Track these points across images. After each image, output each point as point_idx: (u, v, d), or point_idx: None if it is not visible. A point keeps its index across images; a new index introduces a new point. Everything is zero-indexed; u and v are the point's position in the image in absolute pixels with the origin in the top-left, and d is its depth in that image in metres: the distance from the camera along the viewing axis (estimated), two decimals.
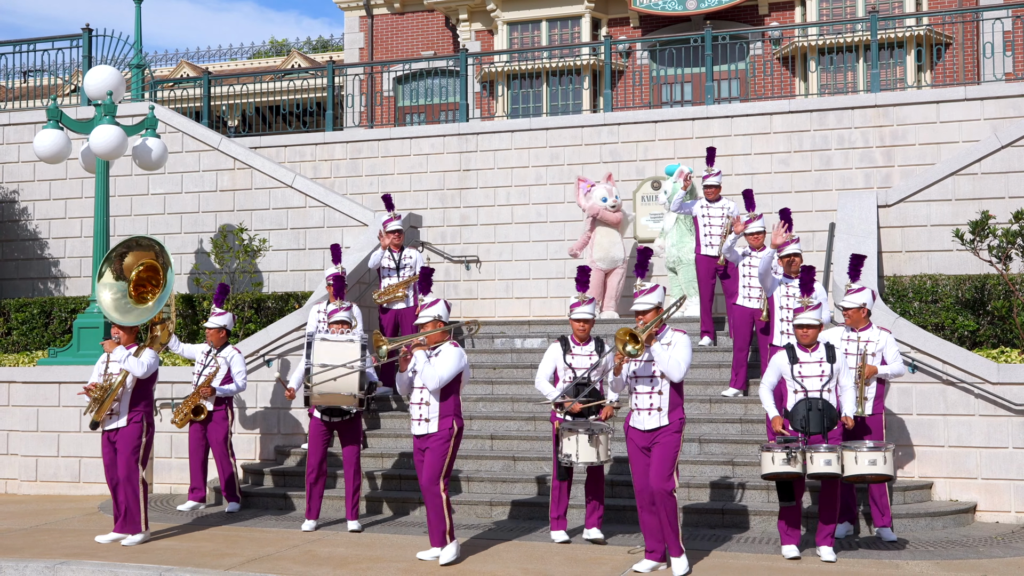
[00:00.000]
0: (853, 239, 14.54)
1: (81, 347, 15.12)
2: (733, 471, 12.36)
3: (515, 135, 19.19)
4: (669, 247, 16.61)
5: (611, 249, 16.83)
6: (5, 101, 21.32)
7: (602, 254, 16.81)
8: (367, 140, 19.91)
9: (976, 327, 14.04)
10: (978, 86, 18.01)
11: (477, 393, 14.91)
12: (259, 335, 14.67)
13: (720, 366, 14.48)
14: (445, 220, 19.24)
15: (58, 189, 19.23)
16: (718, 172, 15.08)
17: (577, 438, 10.28)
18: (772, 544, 10.64)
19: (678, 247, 16.45)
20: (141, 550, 10.68)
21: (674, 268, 16.58)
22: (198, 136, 18.74)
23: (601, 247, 16.85)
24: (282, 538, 11.27)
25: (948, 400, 12.26)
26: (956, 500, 12.16)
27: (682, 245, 16.39)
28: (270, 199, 18.30)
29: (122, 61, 19.76)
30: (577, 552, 10.43)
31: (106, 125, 14.87)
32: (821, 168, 17.66)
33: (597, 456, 10.32)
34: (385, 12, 29.65)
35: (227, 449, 13.11)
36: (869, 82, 18.50)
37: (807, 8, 25.29)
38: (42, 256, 19.25)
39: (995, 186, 15.89)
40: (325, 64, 23.55)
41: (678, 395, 9.61)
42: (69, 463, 14.84)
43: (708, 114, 18.31)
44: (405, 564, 9.94)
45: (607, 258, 16.80)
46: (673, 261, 16.51)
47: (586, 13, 26.69)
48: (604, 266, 16.81)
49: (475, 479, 12.78)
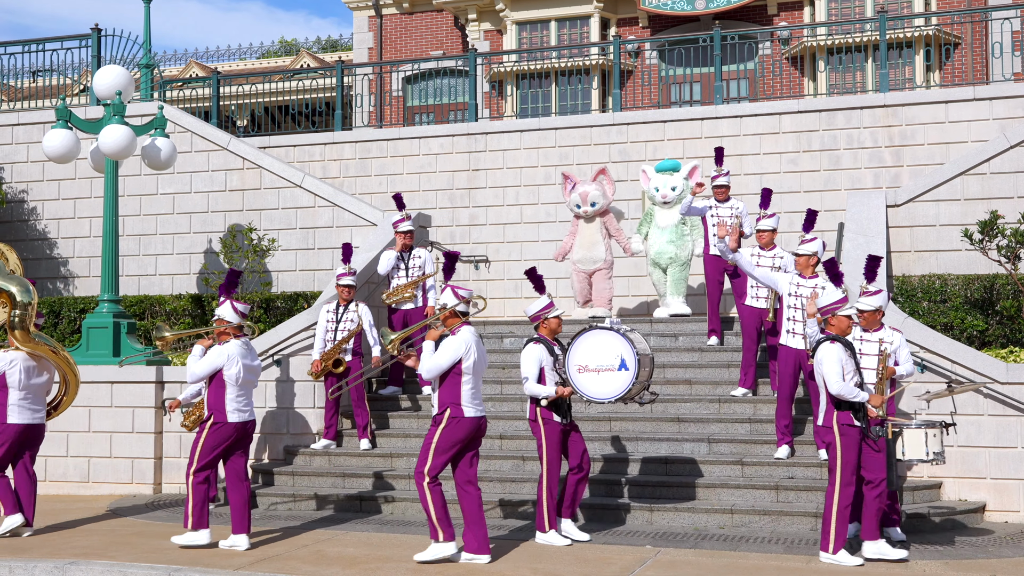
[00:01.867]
0: (862, 239, 14.52)
1: (90, 347, 15.13)
2: (742, 471, 12.35)
3: (524, 135, 19.19)
4: (664, 243, 16.20)
5: (591, 249, 16.62)
6: (14, 101, 21.38)
7: (581, 255, 16.65)
8: (376, 140, 19.92)
9: (985, 327, 14.02)
10: (987, 86, 17.99)
11: (486, 393, 14.86)
12: (268, 335, 14.69)
13: (729, 366, 14.47)
14: (454, 220, 19.25)
15: (67, 189, 19.26)
16: (727, 172, 15.08)
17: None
18: (781, 544, 10.63)
19: (677, 245, 16.15)
20: (150, 549, 10.69)
21: (662, 264, 16.25)
22: (207, 136, 18.76)
23: (581, 248, 16.68)
24: (291, 538, 11.28)
25: (957, 400, 12.22)
26: (965, 500, 12.15)
27: (682, 244, 16.16)
28: (279, 199, 18.32)
29: (131, 61, 19.80)
30: (586, 552, 10.43)
31: (115, 125, 14.88)
32: (830, 168, 17.64)
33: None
34: (394, 12, 29.67)
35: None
36: (878, 82, 18.46)
37: (816, 8, 25.27)
38: (51, 256, 19.29)
39: (1004, 186, 15.86)
40: (334, 64, 23.55)
41: (446, 393, 10.06)
42: (78, 463, 14.86)
43: (717, 114, 18.30)
44: (414, 564, 9.93)
45: (587, 258, 16.62)
46: (668, 259, 16.14)
47: (595, 13, 26.69)
48: (584, 267, 16.64)
49: (484, 479, 12.77)
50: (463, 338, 10.09)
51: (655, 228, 16.44)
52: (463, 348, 10.02)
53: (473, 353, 10.07)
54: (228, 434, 10.79)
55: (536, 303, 10.86)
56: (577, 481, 11.01)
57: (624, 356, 10.68)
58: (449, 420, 9.98)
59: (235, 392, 10.82)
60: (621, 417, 13.70)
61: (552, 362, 10.71)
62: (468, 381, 10.05)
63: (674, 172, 16.43)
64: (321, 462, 13.84)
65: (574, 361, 10.78)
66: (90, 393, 14.68)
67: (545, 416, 10.67)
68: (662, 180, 16.37)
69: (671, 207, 16.27)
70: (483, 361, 10.27)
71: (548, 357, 10.68)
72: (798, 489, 11.83)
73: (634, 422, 13.62)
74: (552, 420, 10.64)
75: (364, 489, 13.11)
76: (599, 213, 16.64)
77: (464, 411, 9.99)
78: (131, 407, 14.62)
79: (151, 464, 14.60)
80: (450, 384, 10.04)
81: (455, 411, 9.98)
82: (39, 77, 21.09)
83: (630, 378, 10.63)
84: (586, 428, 13.67)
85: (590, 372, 10.72)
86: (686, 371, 14.66)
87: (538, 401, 10.66)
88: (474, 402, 10.07)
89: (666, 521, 11.75)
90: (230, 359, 10.81)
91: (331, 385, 13.93)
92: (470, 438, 10.10)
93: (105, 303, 15.29)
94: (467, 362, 10.03)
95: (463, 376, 10.03)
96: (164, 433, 14.72)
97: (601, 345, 10.74)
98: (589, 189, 16.57)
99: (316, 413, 14.41)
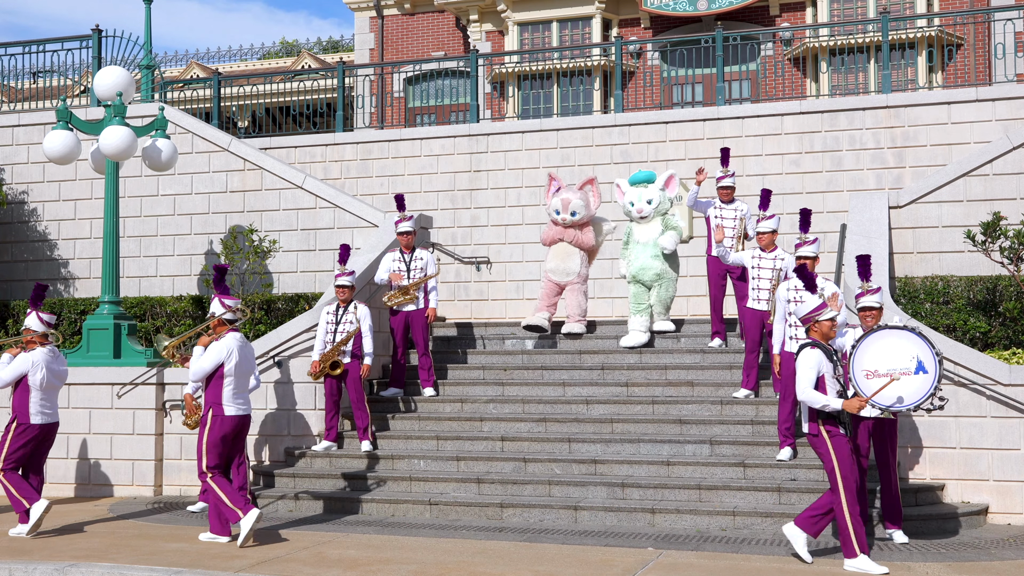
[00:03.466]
0: (864, 240, 14.49)
1: (91, 348, 15.11)
2: (744, 473, 12.32)
3: (526, 136, 19.18)
4: (648, 258, 15.10)
5: (566, 261, 15.63)
6: (15, 102, 21.36)
7: (554, 265, 15.69)
8: (377, 141, 19.91)
9: (988, 328, 13.99)
10: (989, 87, 17.96)
11: (488, 395, 14.88)
12: (269, 336, 14.66)
13: (731, 367, 14.44)
14: (456, 221, 19.23)
15: (68, 190, 19.24)
16: (732, 173, 15.03)
17: None
18: (784, 546, 10.60)
19: (662, 259, 15.13)
20: (151, 551, 10.68)
21: (646, 281, 15.18)
22: (208, 137, 18.74)
23: (555, 257, 15.72)
24: (292, 540, 11.26)
25: (960, 402, 12.20)
26: (968, 502, 12.11)
27: (669, 259, 15.22)
28: (280, 200, 18.29)
29: (132, 62, 19.78)
30: (588, 554, 10.40)
31: (116, 126, 14.86)
32: (832, 169, 17.62)
33: None
34: (395, 13, 29.64)
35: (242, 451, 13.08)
36: (880, 83, 18.45)
37: (818, 9, 25.23)
38: (51, 257, 19.27)
39: (1007, 187, 15.84)
40: (335, 65, 23.55)
41: (210, 394, 11.24)
42: (79, 465, 14.83)
43: (719, 115, 18.28)
44: (415, 566, 9.92)
45: (560, 270, 15.64)
46: (654, 275, 15.10)
47: (597, 14, 26.65)
48: (556, 278, 15.65)
49: (486, 481, 12.76)
50: (226, 343, 11.22)
51: (635, 244, 15.36)
52: (225, 352, 11.17)
53: (235, 357, 11.21)
54: None
55: (806, 304, 10.13)
56: None
57: (921, 358, 9.98)
58: (212, 419, 11.16)
59: (39, 396, 12.04)
60: (623, 419, 13.67)
61: (832, 368, 9.90)
62: (230, 383, 11.19)
63: (648, 184, 15.41)
64: (322, 464, 13.81)
65: (861, 366, 10.05)
66: (91, 395, 14.67)
67: (830, 429, 9.83)
68: (636, 193, 15.38)
69: (649, 221, 15.33)
70: (245, 364, 11.38)
71: (827, 363, 9.86)
72: (800, 491, 11.80)
73: (636, 424, 13.60)
74: (839, 433, 9.82)
75: (365, 491, 13.08)
76: (577, 224, 15.70)
77: (225, 409, 11.16)
78: (132, 409, 14.59)
79: (152, 466, 14.57)
80: (214, 385, 11.20)
81: (216, 410, 11.15)
82: (40, 78, 21.07)
83: (931, 381, 9.91)
84: (587, 430, 13.67)
85: (880, 377, 9.99)
86: (688, 373, 14.63)
87: (819, 413, 9.85)
88: (236, 401, 11.23)
89: (668, 523, 11.71)
90: (35, 365, 12.03)
91: (330, 387, 13.90)
92: (234, 434, 11.30)
93: (106, 304, 15.27)
94: (229, 365, 11.17)
95: (225, 378, 11.16)
96: (165, 435, 14.69)
97: (892, 347, 10.04)
98: (572, 197, 15.60)
99: (317, 415, 14.38)
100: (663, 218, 15.34)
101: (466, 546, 10.82)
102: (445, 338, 16.51)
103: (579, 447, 13.30)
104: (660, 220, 15.31)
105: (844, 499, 9.77)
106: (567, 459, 13.00)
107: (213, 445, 11.12)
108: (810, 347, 9.92)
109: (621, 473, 12.72)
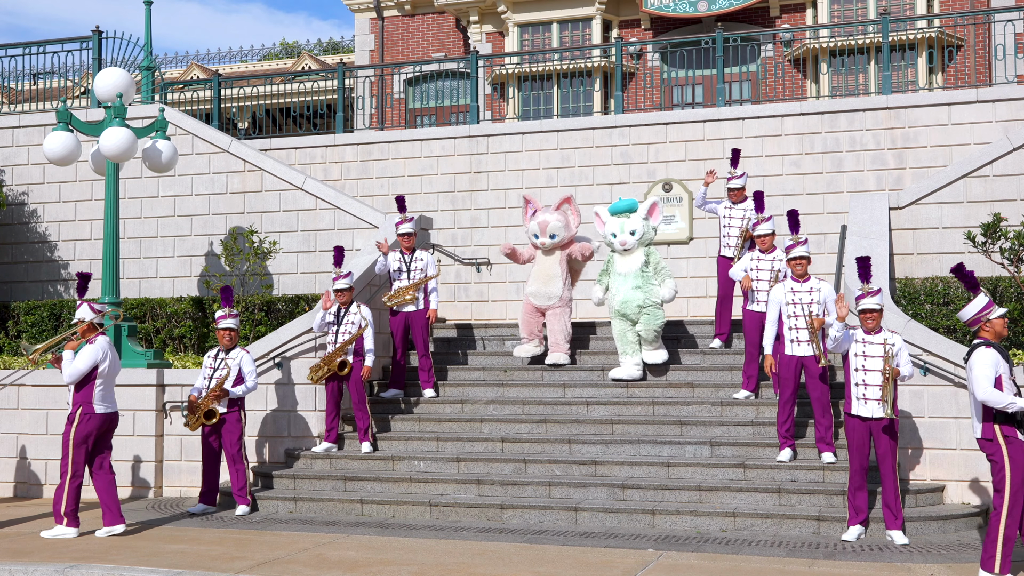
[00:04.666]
0: (865, 241, 14.50)
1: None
2: (745, 474, 12.32)
3: (526, 137, 19.17)
4: (629, 290, 14.32)
5: (547, 284, 15.00)
6: (15, 103, 21.36)
7: (535, 288, 15.06)
8: (377, 142, 19.91)
9: None
10: (990, 88, 17.95)
11: (488, 396, 14.88)
12: (269, 337, 14.66)
13: (731, 369, 14.45)
14: (456, 222, 19.23)
15: (68, 191, 19.24)
16: (742, 174, 15.02)
17: None
18: (784, 547, 10.60)
19: (645, 290, 14.32)
20: (151, 552, 10.67)
21: (630, 315, 14.37)
22: (208, 138, 18.74)
23: (537, 280, 15.11)
24: (292, 541, 11.26)
25: (960, 403, 12.19)
26: (968, 503, 12.10)
27: (649, 289, 14.35)
28: (280, 201, 18.29)
29: (132, 63, 19.78)
30: (588, 556, 10.40)
31: (116, 127, 14.86)
32: (832, 170, 17.62)
33: None
34: (396, 14, 29.64)
35: (240, 452, 13.08)
36: (880, 84, 18.44)
37: (818, 10, 25.23)
38: (52, 259, 19.27)
39: (1007, 188, 15.84)
40: (335, 66, 23.56)
41: (80, 394, 11.79)
42: None
43: (719, 116, 18.28)
44: (415, 568, 9.92)
45: (541, 293, 14.99)
46: (637, 307, 14.29)
47: (597, 15, 26.65)
48: (536, 302, 15.02)
49: (486, 482, 12.76)
50: (100, 346, 11.86)
51: (616, 276, 14.59)
52: (100, 354, 11.82)
53: (108, 359, 11.87)
54: None
55: (973, 304, 9.62)
56: None
57: None
58: (82, 416, 11.75)
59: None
60: (623, 420, 13.68)
61: (1008, 368, 9.36)
62: (101, 384, 11.84)
63: (631, 213, 14.59)
64: (322, 465, 13.81)
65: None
66: None
67: (1007, 433, 9.24)
68: (618, 224, 14.56)
69: (632, 254, 14.56)
70: (115, 367, 12.04)
71: (1004, 363, 9.34)
72: (800, 492, 11.80)
73: (636, 424, 13.60)
74: (1017, 439, 9.22)
75: (365, 492, 13.08)
76: (559, 246, 15.17)
77: (95, 408, 11.78)
78: (132, 410, 14.59)
79: (152, 467, 14.57)
80: (85, 387, 11.78)
81: (87, 408, 11.75)
82: (40, 79, 21.07)
83: None
84: (587, 431, 13.67)
85: None
86: (688, 374, 14.64)
87: (995, 415, 9.29)
88: (104, 401, 11.86)
89: (668, 524, 11.71)
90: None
91: (332, 389, 13.90)
92: (101, 432, 11.88)
93: (106, 306, 15.23)
94: (102, 366, 11.82)
95: (97, 380, 11.81)
96: (165, 436, 14.69)
97: None
98: (550, 219, 15.01)
99: (317, 416, 14.38)
100: (646, 248, 14.62)
101: (466, 547, 10.83)
102: (445, 339, 16.51)
103: (579, 448, 13.30)
104: (642, 250, 14.57)
105: (1006, 511, 9.16)
106: (567, 460, 13.00)
107: (80, 442, 11.75)
108: (984, 346, 9.39)
109: (621, 474, 12.72)
